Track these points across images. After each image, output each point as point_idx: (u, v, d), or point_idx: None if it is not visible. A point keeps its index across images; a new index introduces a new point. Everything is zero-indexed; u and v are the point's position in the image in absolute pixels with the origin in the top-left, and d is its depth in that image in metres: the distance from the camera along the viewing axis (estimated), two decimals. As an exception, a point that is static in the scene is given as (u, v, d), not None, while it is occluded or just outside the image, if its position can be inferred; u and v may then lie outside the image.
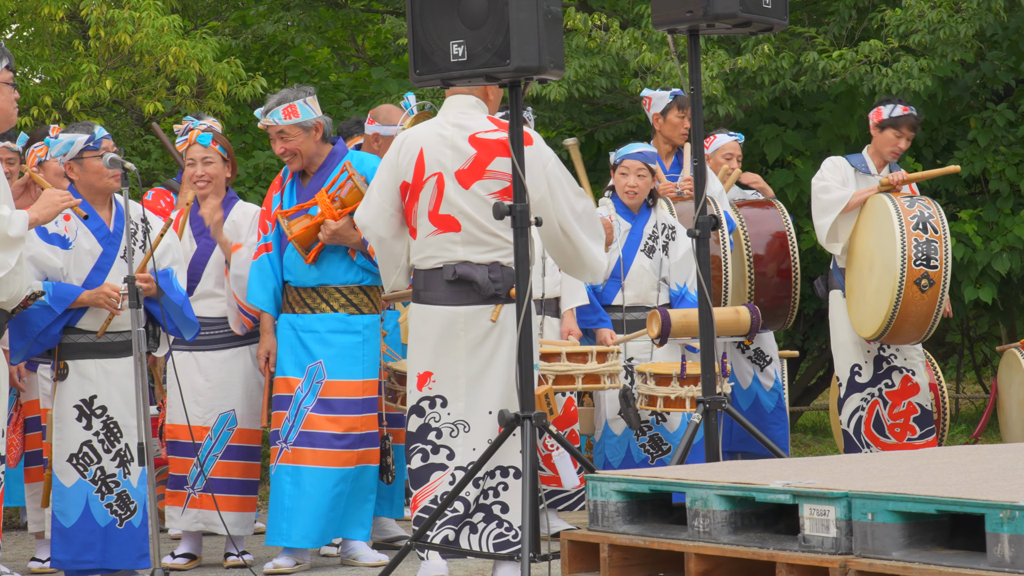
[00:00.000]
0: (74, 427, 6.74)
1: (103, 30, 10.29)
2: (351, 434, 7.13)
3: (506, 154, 6.09)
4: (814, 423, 14.21)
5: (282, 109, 7.20)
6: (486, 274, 6.09)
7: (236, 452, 7.47)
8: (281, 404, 7.20)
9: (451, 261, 6.13)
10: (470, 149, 6.15)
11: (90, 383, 6.76)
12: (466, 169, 6.14)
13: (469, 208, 6.12)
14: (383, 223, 6.30)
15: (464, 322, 6.11)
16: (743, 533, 4.41)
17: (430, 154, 6.19)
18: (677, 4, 6.18)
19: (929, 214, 8.24)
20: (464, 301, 6.11)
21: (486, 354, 6.10)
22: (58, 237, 6.71)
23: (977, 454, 5.18)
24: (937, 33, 10.49)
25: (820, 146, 11.75)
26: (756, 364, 9.29)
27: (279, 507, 7.13)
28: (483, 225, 6.11)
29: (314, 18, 12.96)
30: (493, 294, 6.09)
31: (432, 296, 6.16)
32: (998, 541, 3.87)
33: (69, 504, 6.73)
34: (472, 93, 6.26)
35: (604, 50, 10.79)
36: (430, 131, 6.26)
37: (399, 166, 6.26)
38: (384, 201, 6.30)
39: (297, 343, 7.19)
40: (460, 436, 6.13)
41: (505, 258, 6.13)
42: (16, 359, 6.74)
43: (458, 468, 6.12)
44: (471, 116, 6.23)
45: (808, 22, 11.68)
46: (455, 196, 6.14)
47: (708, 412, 6.27)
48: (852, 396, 8.63)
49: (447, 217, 6.15)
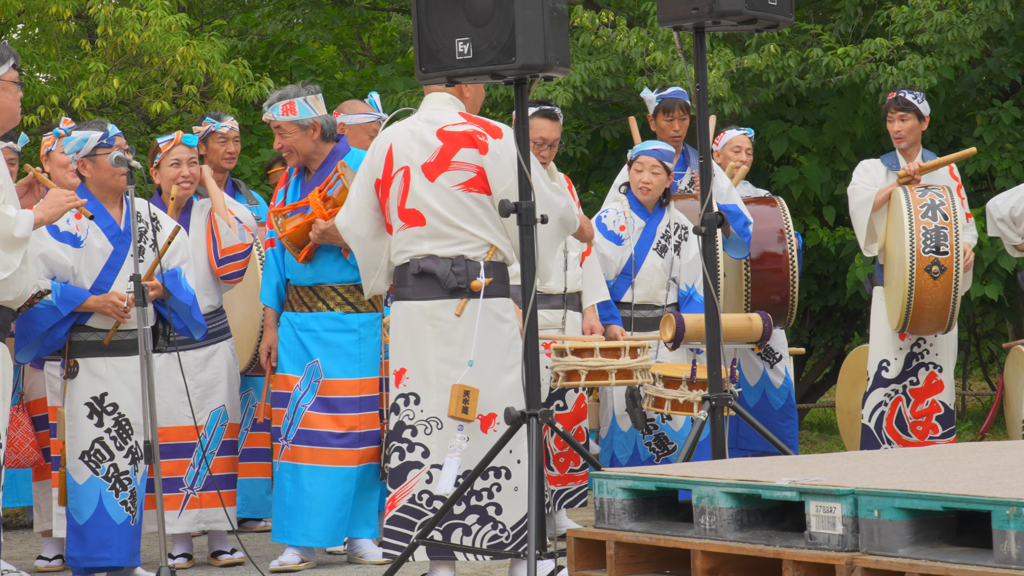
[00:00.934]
0: (86, 424, 6.75)
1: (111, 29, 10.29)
2: (351, 433, 7.13)
3: (472, 145, 6.10)
4: (820, 420, 14.21)
5: (281, 105, 7.22)
6: (448, 267, 6.06)
7: (231, 447, 7.51)
8: (280, 401, 7.22)
9: (417, 255, 6.12)
10: (436, 142, 6.15)
11: (100, 381, 6.77)
12: (432, 162, 6.13)
13: (433, 201, 6.10)
14: (361, 222, 6.29)
15: (429, 316, 6.09)
16: (749, 530, 4.41)
17: (399, 149, 6.19)
18: (683, 1, 6.17)
19: (940, 201, 8.22)
20: (428, 295, 6.09)
21: (455, 350, 6.06)
22: (69, 235, 6.72)
23: (983, 451, 5.18)
24: (945, 34, 10.49)
25: (826, 143, 11.75)
26: (766, 361, 9.29)
27: (281, 505, 7.16)
28: (447, 218, 6.08)
29: (320, 16, 12.97)
30: (455, 288, 6.06)
31: (403, 291, 6.15)
32: (1004, 538, 3.87)
33: (82, 501, 6.74)
34: (447, 91, 6.26)
35: (610, 49, 10.78)
36: (402, 128, 6.27)
37: (373, 164, 6.29)
38: (362, 200, 6.30)
39: (295, 341, 7.21)
40: (434, 433, 6.09)
41: (471, 252, 6.10)
42: (22, 358, 6.75)
43: (434, 466, 6.08)
44: (442, 112, 6.23)
45: (814, 19, 11.68)
46: (420, 190, 6.13)
47: (714, 410, 6.27)
48: (876, 391, 8.61)
49: (413, 211, 6.14)
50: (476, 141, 6.11)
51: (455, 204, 6.06)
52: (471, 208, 6.11)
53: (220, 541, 7.51)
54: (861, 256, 11.21)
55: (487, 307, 6.09)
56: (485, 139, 6.13)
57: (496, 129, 6.16)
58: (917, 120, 8.57)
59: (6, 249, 5.72)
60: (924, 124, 8.62)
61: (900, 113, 8.56)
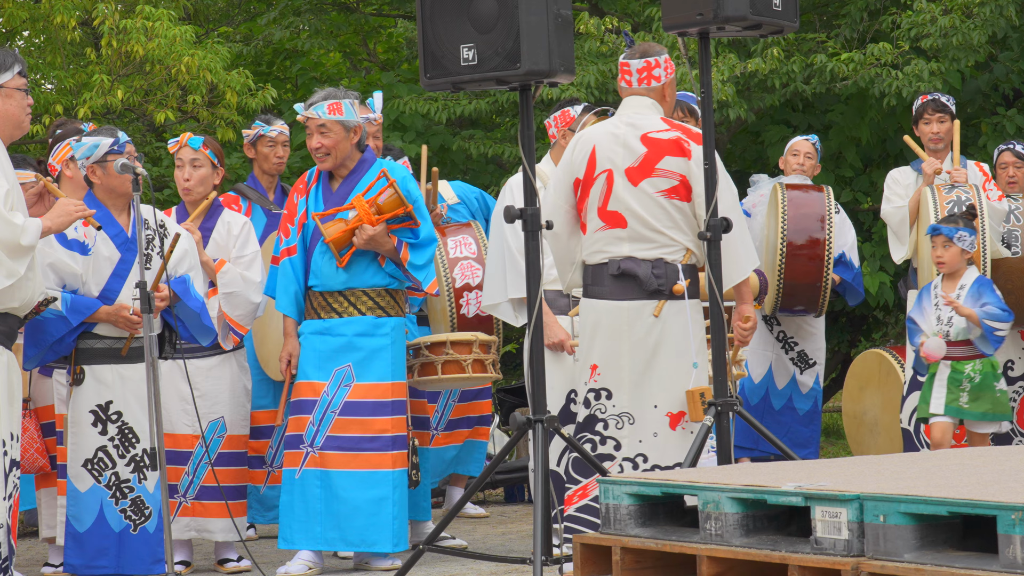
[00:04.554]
0: (89, 432, 6.75)
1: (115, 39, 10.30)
2: (383, 436, 7.13)
3: (678, 153, 6.30)
4: (827, 425, 14.19)
5: (327, 104, 7.21)
6: (649, 270, 6.27)
7: (226, 459, 7.48)
8: (304, 408, 7.15)
9: (616, 256, 6.31)
10: (641, 147, 6.32)
11: (106, 388, 6.77)
12: (636, 167, 6.31)
13: (636, 205, 6.29)
14: (557, 219, 6.43)
15: (628, 316, 6.27)
16: (755, 535, 4.41)
17: (602, 152, 6.36)
18: (687, 7, 6.18)
19: (967, 198, 8.29)
20: (628, 296, 6.29)
21: (649, 348, 6.27)
22: (77, 243, 6.72)
23: (989, 455, 5.17)
24: (950, 39, 10.49)
25: (831, 148, 11.75)
26: (797, 366, 9.32)
27: (309, 511, 7.09)
28: (649, 223, 6.28)
29: (326, 23, 12.98)
30: (656, 289, 6.26)
31: (598, 291, 6.35)
32: (1010, 542, 3.86)
33: (83, 509, 6.74)
34: (649, 95, 6.42)
35: (617, 54, 10.79)
36: (603, 130, 6.44)
37: (573, 163, 6.45)
38: (559, 198, 6.48)
39: (324, 348, 7.16)
40: (625, 428, 6.29)
41: (670, 255, 6.30)
42: (29, 365, 6.76)
43: (625, 459, 6.25)
44: (644, 116, 6.40)
45: (819, 25, 11.67)
46: (623, 193, 6.31)
47: (720, 414, 6.27)
48: (913, 394, 8.61)
49: (614, 213, 6.32)
50: (682, 148, 6.31)
51: (657, 209, 6.28)
52: (671, 214, 6.31)
53: (226, 549, 7.51)
54: (868, 265, 11.22)
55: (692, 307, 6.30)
56: (689, 146, 6.32)
57: (697, 135, 6.34)
58: (951, 121, 8.67)
59: (12, 257, 5.72)
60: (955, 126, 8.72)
61: (939, 115, 8.68)
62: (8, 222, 5.70)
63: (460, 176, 11.74)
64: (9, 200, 5.74)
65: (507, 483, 9.71)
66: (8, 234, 5.71)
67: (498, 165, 12.14)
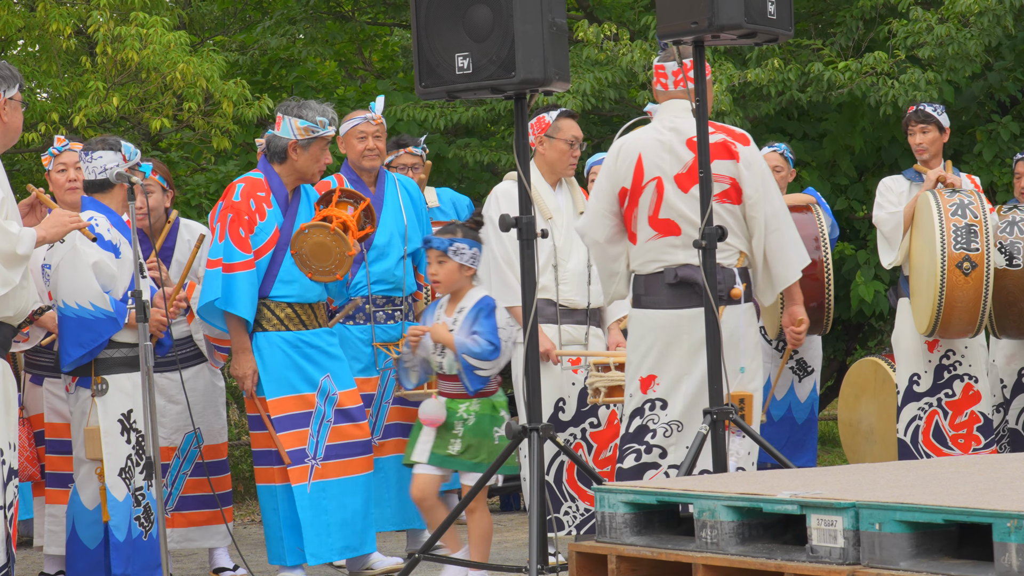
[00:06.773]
0: (119, 441, 6.76)
1: (110, 47, 10.30)
2: (364, 440, 7.22)
3: (727, 156, 6.28)
4: (823, 433, 14.20)
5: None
6: None
7: (204, 468, 7.47)
8: (299, 423, 7.11)
9: (672, 264, 6.29)
10: (688, 153, 6.29)
11: (127, 397, 6.77)
12: (684, 173, 6.29)
13: (688, 211, 6.26)
14: (600, 227, 6.43)
15: (688, 324, 6.25)
16: (751, 544, 4.41)
17: (649, 159, 6.33)
18: (682, 15, 6.17)
19: (969, 201, 8.25)
20: (687, 304, 6.27)
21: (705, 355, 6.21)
22: (111, 245, 6.74)
23: (984, 463, 5.18)
24: (946, 48, 10.49)
25: (826, 157, 11.75)
26: (796, 375, 9.32)
27: (319, 524, 7.06)
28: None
29: (321, 31, 12.98)
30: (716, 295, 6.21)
31: (654, 300, 6.32)
32: (1006, 550, 3.86)
33: (122, 518, 6.74)
34: (687, 97, 6.35)
35: (614, 62, 10.79)
36: (647, 136, 6.39)
37: (617, 172, 6.41)
38: (602, 206, 6.45)
39: (302, 359, 7.13)
40: (673, 435, 6.30)
41: (726, 260, 6.28)
42: (70, 367, 6.71)
43: (671, 467, 6.25)
44: (686, 119, 6.34)
45: (815, 34, 11.68)
46: (675, 200, 6.28)
47: (715, 423, 6.27)
48: (909, 405, 8.59)
49: (667, 221, 6.30)
50: (730, 151, 6.29)
51: None
52: (724, 218, 6.30)
53: (221, 557, 7.50)
54: (862, 273, 11.22)
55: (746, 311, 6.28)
56: (735, 148, 6.30)
57: (742, 136, 6.34)
58: (938, 132, 8.67)
59: (7, 266, 5.72)
60: (945, 136, 8.71)
61: (921, 126, 8.66)
62: (4, 231, 5.70)
63: (455, 184, 11.74)
64: (4, 209, 5.75)
65: (502, 492, 9.71)
66: (4, 243, 5.71)
67: (494, 173, 12.14)
